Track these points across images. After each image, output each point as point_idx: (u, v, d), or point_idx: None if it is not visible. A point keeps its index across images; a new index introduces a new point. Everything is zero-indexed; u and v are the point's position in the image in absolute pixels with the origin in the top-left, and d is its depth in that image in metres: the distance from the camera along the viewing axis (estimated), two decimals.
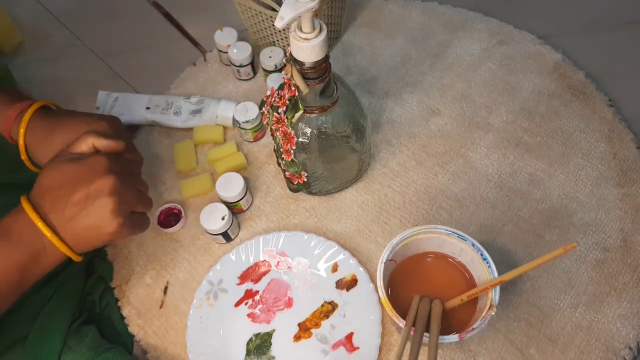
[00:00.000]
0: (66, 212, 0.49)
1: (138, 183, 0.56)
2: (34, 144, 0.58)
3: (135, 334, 0.65)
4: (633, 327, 0.61)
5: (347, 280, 0.65)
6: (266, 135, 0.78)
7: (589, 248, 0.67)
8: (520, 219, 0.69)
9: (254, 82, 0.84)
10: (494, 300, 0.52)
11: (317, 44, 0.50)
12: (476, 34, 0.87)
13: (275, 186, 0.73)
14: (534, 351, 0.60)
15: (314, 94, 0.55)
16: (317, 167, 0.64)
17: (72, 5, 0.98)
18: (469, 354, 0.61)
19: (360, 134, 0.63)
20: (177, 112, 0.78)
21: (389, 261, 0.56)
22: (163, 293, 0.67)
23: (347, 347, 0.61)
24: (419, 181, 0.73)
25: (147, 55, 0.91)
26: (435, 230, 0.57)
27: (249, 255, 0.67)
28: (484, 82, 0.82)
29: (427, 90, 0.81)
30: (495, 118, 0.78)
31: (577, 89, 0.80)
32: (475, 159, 0.74)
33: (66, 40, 0.93)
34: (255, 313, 0.64)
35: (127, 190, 0.52)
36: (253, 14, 0.78)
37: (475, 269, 0.57)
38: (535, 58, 0.84)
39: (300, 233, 0.67)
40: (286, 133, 0.59)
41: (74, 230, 0.49)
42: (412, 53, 0.86)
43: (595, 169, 0.73)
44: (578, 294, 0.64)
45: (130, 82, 0.88)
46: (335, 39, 0.87)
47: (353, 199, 0.72)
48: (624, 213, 0.69)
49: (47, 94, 0.87)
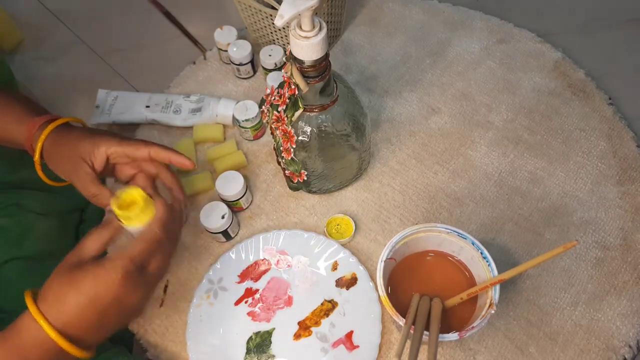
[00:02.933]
0: None
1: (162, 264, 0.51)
2: (48, 160, 0.58)
3: (135, 333, 0.65)
4: (633, 326, 0.61)
5: (347, 278, 0.65)
6: (266, 133, 0.78)
7: (588, 246, 0.67)
8: (520, 217, 0.69)
9: (253, 80, 0.84)
10: (493, 298, 0.52)
11: (317, 42, 0.50)
12: (476, 32, 0.87)
13: (275, 185, 0.73)
14: (533, 349, 0.60)
15: (313, 93, 0.55)
16: (317, 165, 0.64)
17: (72, 4, 0.98)
18: (468, 353, 0.61)
19: (360, 133, 0.63)
20: (177, 111, 0.78)
21: (389, 259, 0.56)
22: (163, 292, 0.67)
23: (347, 345, 0.61)
24: (419, 180, 0.73)
25: (147, 54, 0.91)
26: (435, 228, 0.57)
27: (249, 254, 0.67)
28: (484, 81, 0.82)
29: (427, 88, 0.81)
30: (495, 116, 0.78)
31: (577, 88, 0.80)
32: (475, 158, 0.74)
33: (66, 39, 0.93)
34: (255, 311, 0.64)
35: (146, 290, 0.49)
36: (253, 12, 0.78)
37: (475, 267, 0.57)
38: (535, 56, 0.84)
39: (300, 231, 0.67)
40: (286, 131, 0.59)
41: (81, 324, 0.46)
42: (412, 51, 0.86)
43: (595, 168, 0.73)
44: (578, 293, 0.64)
45: (130, 81, 0.88)
46: (335, 37, 0.87)
47: (353, 198, 0.72)
48: (624, 211, 0.69)
49: (46, 92, 0.87)
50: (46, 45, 0.93)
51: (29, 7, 0.97)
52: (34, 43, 0.93)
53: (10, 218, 0.63)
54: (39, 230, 0.64)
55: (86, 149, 0.55)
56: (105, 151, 0.56)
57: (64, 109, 0.85)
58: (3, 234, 0.62)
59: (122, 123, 0.80)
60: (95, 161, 0.56)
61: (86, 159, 0.55)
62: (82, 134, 0.57)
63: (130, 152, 0.56)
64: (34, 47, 0.93)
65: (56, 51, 0.92)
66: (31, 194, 0.66)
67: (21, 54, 0.92)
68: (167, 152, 0.57)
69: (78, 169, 0.55)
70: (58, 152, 0.57)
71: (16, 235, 0.62)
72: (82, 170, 0.55)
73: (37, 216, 0.65)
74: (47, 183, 0.60)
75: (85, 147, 0.55)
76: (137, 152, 0.56)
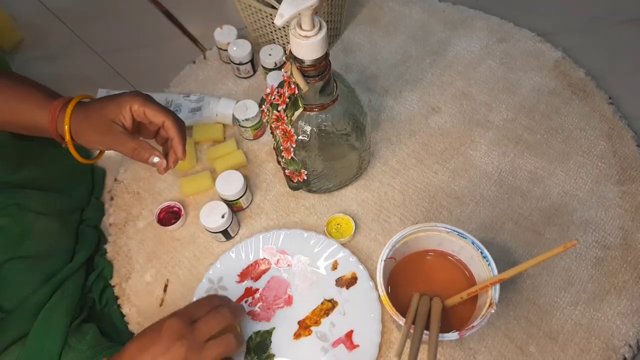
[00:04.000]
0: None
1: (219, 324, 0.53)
2: (78, 137, 0.59)
3: (135, 332, 0.65)
4: (633, 325, 0.61)
5: (347, 278, 0.65)
6: (266, 133, 0.78)
7: (589, 246, 0.67)
8: (520, 216, 0.69)
9: (253, 80, 0.84)
10: (493, 298, 0.52)
11: (316, 41, 0.50)
12: (476, 32, 0.87)
13: (275, 184, 0.73)
14: (533, 349, 0.60)
15: (313, 92, 0.55)
16: (317, 165, 0.64)
17: (71, 3, 0.98)
18: (468, 352, 0.61)
19: (360, 132, 0.63)
20: (177, 110, 0.78)
21: (389, 259, 0.56)
22: (163, 291, 0.67)
23: (347, 344, 0.61)
24: (419, 179, 0.73)
25: (147, 53, 0.91)
26: (435, 228, 0.57)
27: (248, 253, 0.67)
28: (484, 80, 0.82)
29: (427, 88, 0.81)
30: (495, 116, 0.78)
31: (577, 87, 0.80)
32: (475, 157, 0.74)
33: (66, 38, 0.93)
34: (255, 311, 0.64)
35: (200, 350, 0.50)
36: (253, 12, 0.78)
37: (475, 266, 0.57)
38: (535, 56, 0.84)
39: (300, 231, 0.67)
40: (286, 131, 0.59)
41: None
42: (412, 51, 0.86)
43: (595, 167, 0.72)
44: (578, 292, 0.64)
45: (130, 80, 0.88)
46: (335, 37, 0.87)
47: (353, 197, 0.72)
48: (624, 211, 0.69)
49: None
50: (46, 45, 0.93)
51: (28, 7, 0.97)
52: (34, 42, 0.93)
53: (10, 218, 0.63)
54: (39, 230, 0.64)
55: (113, 110, 0.57)
56: (130, 108, 0.57)
57: None
58: (3, 233, 0.62)
59: None
60: (124, 120, 0.58)
61: (115, 120, 0.57)
62: (103, 101, 0.58)
63: (149, 114, 0.58)
64: (33, 47, 0.93)
65: (56, 50, 0.92)
66: (31, 194, 0.66)
67: (21, 53, 0.92)
68: (174, 132, 0.59)
69: (112, 131, 0.57)
70: (87, 126, 0.58)
71: (16, 235, 0.62)
72: (116, 130, 0.57)
73: (37, 216, 0.65)
74: (81, 161, 0.62)
75: (111, 110, 0.57)
76: (154, 117, 0.58)
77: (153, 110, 0.58)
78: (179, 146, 0.59)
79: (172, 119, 0.59)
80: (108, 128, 0.57)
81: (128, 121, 0.58)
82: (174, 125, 0.59)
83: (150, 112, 0.58)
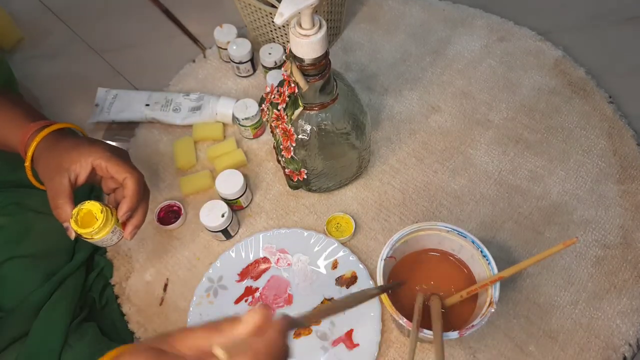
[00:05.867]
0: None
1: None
2: (36, 166, 0.58)
3: (134, 332, 0.65)
4: (633, 324, 0.61)
5: (347, 277, 0.65)
6: (266, 132, 0.78)
7: (588, 245, 0.67)
8: (520, 215, 0.69)
9: (253, 78, 0.84)
10: (493, 297, 0.52)
11: (316, 40, 0.50)
12: (476, 31, 0.87)
13: (275, 183, 0.73)
14: (533, 348, 0.60)
15: (313, 91, 0.55)
16: (317, 164, 0.64)
17: (71, 2, 0.97)
18: (468, 351, 0.61)
19: (360, 131, 0.63)
20: (177, 109, 0.78)
21: (389, 258, 0.56)
22: (163, 290, 0.67)
23: (347, 343, 0.61)
24: (419, 178, 0.73)
25: (147, 52, 0.91)
26: (435, 227, 0.57)
27: (248, 253, 0.67)
28: (484, 79, 0.82)
29: (427, 87, 0.81)
30: (496, 115, 0.78)
31: (578, 86, 0.80)
32: (475, 156, 0.74)
33: (65, 37, 0.93)
34: None
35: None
36: (252, 11, 0.78)
37: (475, 265, 0.56)
38: (535, 55, 0.84)
39: (300, 230, 0.67)
40: (286, 130, 0.59)
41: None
42: (412, 49, 0.86)
43: (595, 166, 0.72)
44: (578, 291, 0.64)
45: (130, 79, 0.88)
46: (335, 36, 0.86)
47: (353, 196, 0.72)
48: (624, 210, 0.69)
49: (46, 91, 0.87)
50: (46, 44, 0.93)
51: (28, 6, 0.97)
52: (33, 41, 0.93)
53: (10, 217, 0.63)
54: (38, 229, 0.64)
55: (72, 158, 0.55)
56: (92, 162, 0.56)
57: (63, 108, 0.85)
58: (3, 232, 0.62)
59: (121, 121, 0.80)
60: (81, 171, 0.56)
61: (70, 169, 0.55)
62: (72, 143, 0.57)
63: (112, 170, 0.56)
64: (33, 46, 0.93)
65: (56, 49, 0.92)
66: (31, 193, 0.66)
67: (21, 52, 0.92)
68: (130, 192, 0.56)
69: (55, 177, 0.55)
70: (46, 158, 0.57)
71: (16, 234, 0.62)
72: (58, 179, 0.55)
73: (37, 215, 0.65)
74: (38, 187, 0.60)
75: (71, 156, 0.55)
76: (116, 174, 0.56)
77: (115, 167, 0.56)
78: (124, 207, 0.56)
79: (134, 179, 0.57)
80: (57, 173, 0.55)
81: (82, 175, 0.56)
82: (133, 186, 0.56)
83: (112, 169, 0.56)
